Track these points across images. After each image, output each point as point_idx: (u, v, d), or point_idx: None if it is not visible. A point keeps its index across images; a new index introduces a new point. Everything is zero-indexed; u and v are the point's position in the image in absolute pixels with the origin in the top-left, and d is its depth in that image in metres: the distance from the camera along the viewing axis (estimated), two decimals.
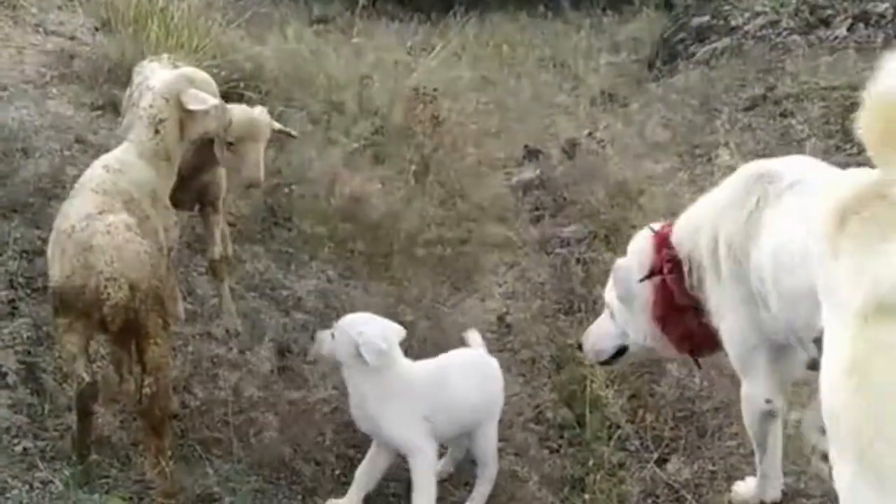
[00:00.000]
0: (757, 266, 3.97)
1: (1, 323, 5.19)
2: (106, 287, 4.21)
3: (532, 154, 8.82)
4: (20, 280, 5.49)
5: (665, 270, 4.44)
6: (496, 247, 7.46)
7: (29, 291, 5.47)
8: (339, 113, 8.93)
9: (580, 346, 4.98)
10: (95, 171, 4.62)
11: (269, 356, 5.65)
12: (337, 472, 5.03)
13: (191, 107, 4.71)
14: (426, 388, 4.75)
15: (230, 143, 5.36)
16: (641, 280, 4.53)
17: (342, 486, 4.91)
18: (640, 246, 4.61)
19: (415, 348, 5.87)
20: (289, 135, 6.08)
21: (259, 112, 5.59)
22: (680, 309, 4.44)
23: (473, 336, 5.18)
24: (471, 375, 4.91)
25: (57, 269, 4.32)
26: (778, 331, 4.03)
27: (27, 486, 4.29)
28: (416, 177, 8.05)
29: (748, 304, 4.07)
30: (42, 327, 5.24)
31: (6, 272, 5.50)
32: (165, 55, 6.15)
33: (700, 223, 4.32)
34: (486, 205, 8.05)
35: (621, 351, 4.82)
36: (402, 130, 8.76)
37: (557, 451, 5.33)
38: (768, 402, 4.21)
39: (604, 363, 5.02)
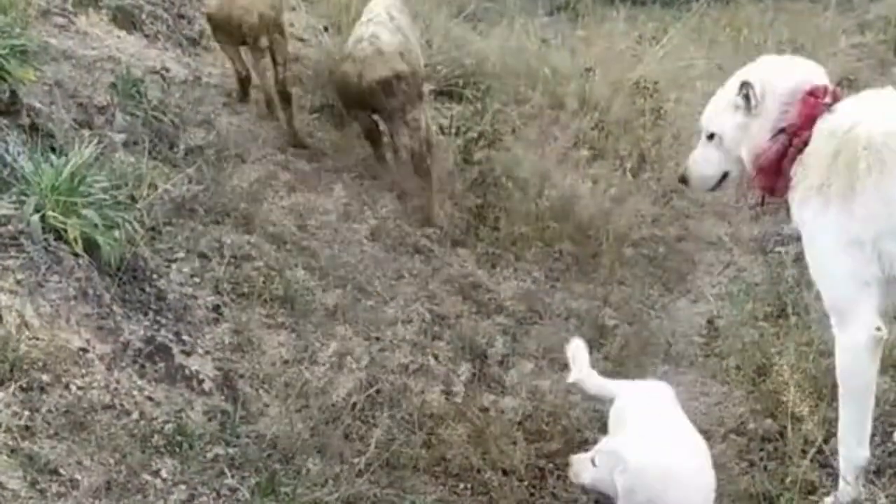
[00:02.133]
0: None
1: (205, 329, 5.35)
2: (242, 15, 7.20)
3: None
4: (226, 286, 5.66)
5: (797, 141, 4.43)
6: (712, 245, 7.25)
7: (234, 297, 5.63)
8: (559, 108, 8.84)
9: (684, 180, 5.02)
10: None
11: (463, 361, 5.62)
12: (526, 482, 4.96)
13: None
14: None
15: None
16: (775, 134, 4.49)
17: (531, 499, 4.86)
18: (794, 93, 4.50)
19: (612, 355, 5.80)
20: None
21: None
22: (782, 173, 4.48)
23: None
24: None
25: (213, 2, 7.40)
26: None
27: (214, 493, 4.40)
28: (632, 173, 7.88)
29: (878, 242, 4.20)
30: (243, 332, 5.40)
31: (213, 277, 5.68)
32: None
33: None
34: (705, 201, 7.81)
35: (724, 175, 4.86)
36: (622, 125, 8.60)
37: (756, 464, 5.10)
38: (878, 329, 4.29)
39: (710, 189, 5.11)
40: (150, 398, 4.67)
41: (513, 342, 5.95)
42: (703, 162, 4.88)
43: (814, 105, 4.44)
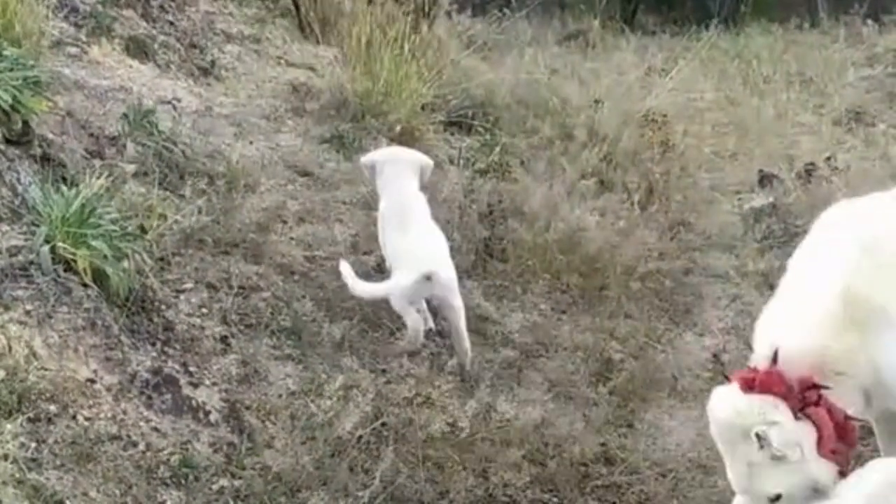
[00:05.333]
0: None
1: (212, 360, 5.38)
2: None
3: (766, 179, 8.50)
4: (234, 316, 5.69)
5: (816, 397, 3.83)
6: (719, 278, 7.24)
7: (242, 328, 5.67)
8: (568, 140, 8.87)
9: None
10: None
11: (468, 394, 5.62)
12: None
13: None
14: None
15: None
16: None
17: None
18: (744, 403, 3.94)
19: (618, 389, 5.81)
20: None
21: None
22: (850, 427, 3.91)
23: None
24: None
25: None
26: None
27: None
28: (639, 205, 7.90)
29: None
30: (250, 364, 5.42)
31: (221, 308, 5.71)
32: None
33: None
34: (712, 233, 7.84)
35: None
36: (631, 157, 8.62)
37: None
38: None
39: None
40: (156, 429, 4.70)
41: (519, 375, 5.95)
42: None
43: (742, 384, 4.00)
